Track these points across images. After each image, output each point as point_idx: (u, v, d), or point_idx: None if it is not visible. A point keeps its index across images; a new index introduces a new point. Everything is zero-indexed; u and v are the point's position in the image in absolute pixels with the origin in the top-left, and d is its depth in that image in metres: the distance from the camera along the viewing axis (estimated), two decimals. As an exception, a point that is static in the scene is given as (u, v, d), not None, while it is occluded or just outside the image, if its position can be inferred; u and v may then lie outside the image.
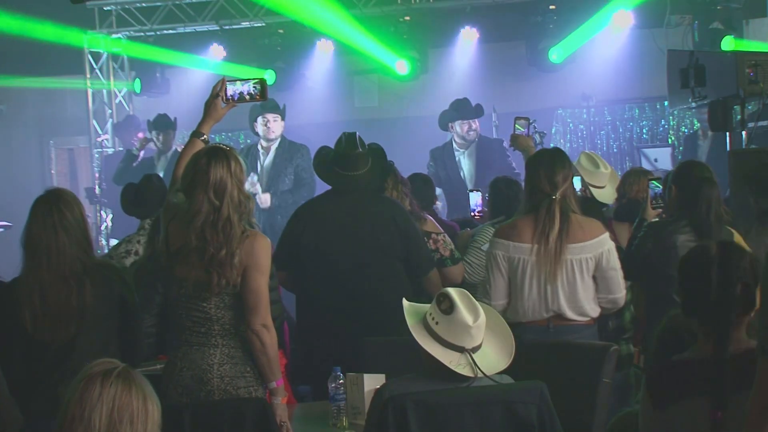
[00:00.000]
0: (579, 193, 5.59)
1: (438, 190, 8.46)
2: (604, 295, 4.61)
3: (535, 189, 4.57)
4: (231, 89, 4.19)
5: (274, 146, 8.45)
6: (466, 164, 8.63)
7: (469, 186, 8.21)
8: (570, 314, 4.55)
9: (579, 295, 4.54)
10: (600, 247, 4.57)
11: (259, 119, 8.45)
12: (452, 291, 3.75)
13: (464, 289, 3.81)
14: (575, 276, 4.53)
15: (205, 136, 4.18)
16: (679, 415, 2.93)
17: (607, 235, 4.63)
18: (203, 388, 3.85)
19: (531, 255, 4.52)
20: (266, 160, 8.46)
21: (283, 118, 8.52)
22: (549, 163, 4.59)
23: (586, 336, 4.60)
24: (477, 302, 3.75)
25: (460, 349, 3.69)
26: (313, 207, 5.41)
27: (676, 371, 3.02)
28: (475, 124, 8.69)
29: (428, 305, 3.81)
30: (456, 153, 8.64)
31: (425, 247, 5.41)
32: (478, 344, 3.72)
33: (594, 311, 4.62)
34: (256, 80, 4.21)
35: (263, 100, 4.25)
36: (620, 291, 4.64)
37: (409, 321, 3.79)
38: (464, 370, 3.68)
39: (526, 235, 4.52)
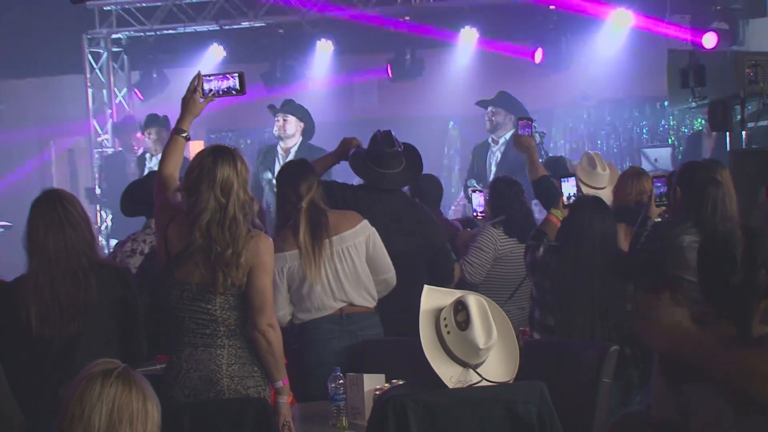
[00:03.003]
0: (576, 194, 5.59)
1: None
2: (376, 276, 4.91)
3: (284, 201, 4.86)
4: (208, 84, 4.15)
5: (293, 149, 8.45)
6: (492, 162, 8.61)
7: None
8: (358, 300, 4.83)
9: (362, 279, 4.83)
10: (366, 230, 4.87)
11: (276, 119, 8.51)
12: (472, 302, 3.74)
13: (482, 299, 3.81)
14: (354, 262, 4.80)
15: (186, 133, 4.13)
16: (693, 394, 2.93)
17: (366, 221, 4.90)
18: (212, 389, 3.85)
19: (299, 259, 4.75)
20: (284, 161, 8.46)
21: (301, 120, 8.52)
22: (292, 176, 4.86)
23: (375, 324, 4.89)
24: (492, 318, 3.75)
25: (464, 364, 3.71)
26: (352, 194, 5.37)
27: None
28: (495, 117, 8.61)
29: (448, 298, 3.82)
30: (489, 149, 8.64)
31: (449, 261, 5.46)
32: (483, 360, 3.74)
33: (375, 292, 4.91)
34: (234, 74, 4.18)
35: (241, 93, 4.19)
36: (389, 271, 4.94)
37: (422, 318, 3.80)
38: (460, 386, 3.72)
39: (291, 244, 4.75)
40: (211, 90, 4.15)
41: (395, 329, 4.94)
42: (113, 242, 9.24)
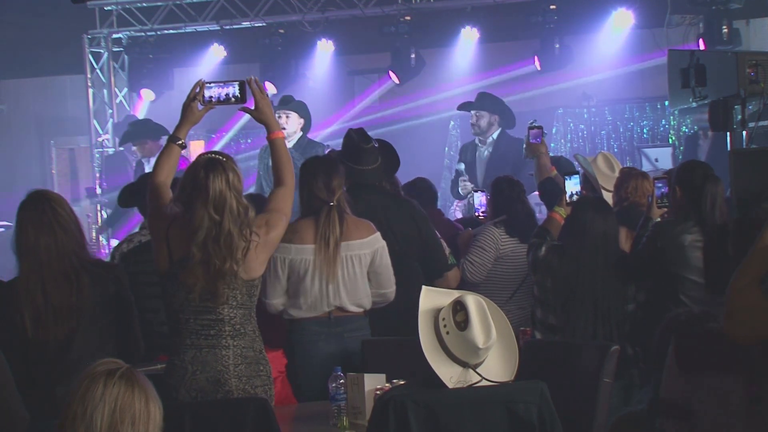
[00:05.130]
0: (579, 193, 5.59)
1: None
2: (376, 290, 4.91)
3: (312, 195, 4.82)
4: (209, 91, 4.12)
5: (290, 144, 8.41)
6: (480, 162, 8.61)
7: (481, 184, 8.17)
8: (350, 307, 4.83)
9: (359, 288, 4.83)
10: (376, 243, 4.86)
11: (277, 115, 8.45)
12: (471, 302, 3.74)
13: (481, 299, 3.81)
14: (355, 271, 4.81)
15: (181, 141, 4.10)
16: (705, 385, 2.93)
17: (378, 234, 4.89)
18: (221, 390, 3.87)
19: (313, 255, 4.75)
20: None
21: (301, 116, 8.48)
22: (326, 172, 4.83)
23: (363, 326, 4.89)
24: (491, 318, 3.75)
25: (464, 364, 3.72)
26: None
27: (707, 341, 3.01)
28: (479, 120, 8.61)
29: (446, 298, 3.82)
30: (477, 149, 8.64)
31: (441, 250, 5.46)
32: (482, 360, 3.74)
33: (368, 303, 4.91)
34: (235, 82, 4.15)
35: (242, 102, 4.16)
36: (390, 286, 4.95)
37: (421, 319, 3.80)
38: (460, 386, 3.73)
39: (308, 237, 4.73)
40: (211, 97, 4.13)
41: (389, 327, 4.95)
42: (114, 242, 9.24)
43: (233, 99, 4.15)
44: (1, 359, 3.46)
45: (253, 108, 4.16)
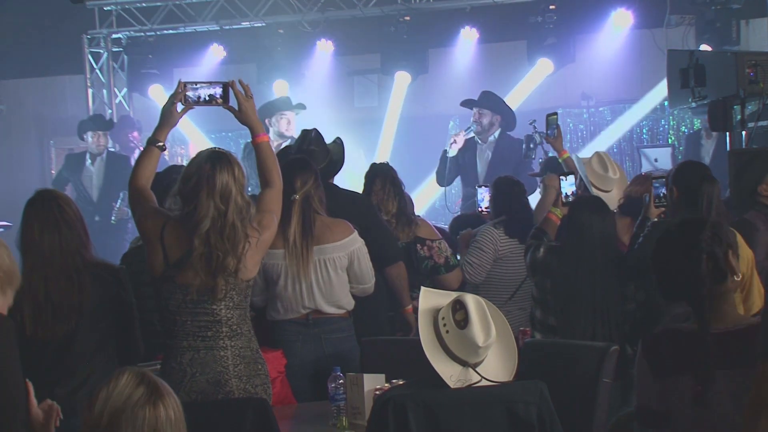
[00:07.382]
0: (575, 193, 5.59)
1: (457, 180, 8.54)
2: (356, 285, 4.95)
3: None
4: (191, 93, 4.08)
5: (286, 143, 8.40)
6: (480, 159, 8.59)
7: (481, 181, 8.15)
8: (327, 309, 4.85)
9: (335, 291, 4.85)
10: (352, 245, 4.89)
11: (279, 115, 8.46)
12: (470, 302, 3.76)
13: (480, 299, 3.82)
14: (329, 274, 4.83)
15: (161, 143, 4.08)
16: (672, 387, 2.94)
17: (356, 234, 4.91)
18: (221, 390, 3.87)
19: (283, 260, 4.78)
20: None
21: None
22: (289, 169, 4.77)
23: (343, 328, 4.90)
24: (490, 317, 3.76)
25: (464, 363, 3.72)
26: None
27: (671, 341, 3.02)
28: (482, 118, 8.57)
29: (445, 299, 3.83)
30: (477, 146, 8.62)
31: (389, 238, 5.41)
32: (482, 359, 3.75)
33: (349, 304, 4.93)
34: (219, 84, 4.12)
35: (225, 104, 4.12)
36: (370, 281, 4.99)
37: (421, 318, 3.82)
38: (461, 385, 3.74)
39: (278, 242, 4.66)
40: (193, 98, 4.09)
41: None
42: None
43: (214, 101, 4.13)
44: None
45: (237, 110, 4.15)
